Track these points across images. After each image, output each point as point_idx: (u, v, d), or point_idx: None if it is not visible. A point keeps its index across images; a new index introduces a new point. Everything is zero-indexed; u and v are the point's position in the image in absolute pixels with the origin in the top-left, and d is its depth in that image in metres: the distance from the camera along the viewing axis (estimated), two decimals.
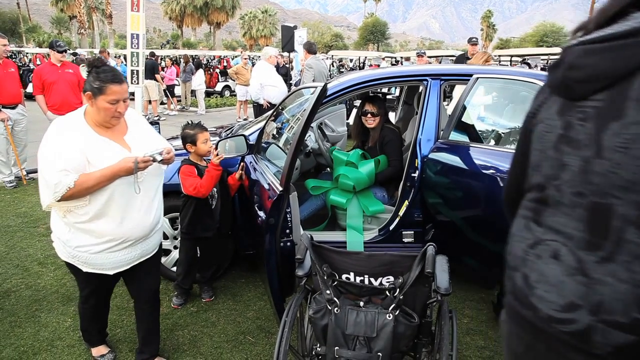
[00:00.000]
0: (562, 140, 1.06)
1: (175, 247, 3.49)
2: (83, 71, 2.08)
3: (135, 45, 6.17)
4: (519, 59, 15.79)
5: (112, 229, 2.14)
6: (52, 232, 2.25)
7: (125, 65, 13.30)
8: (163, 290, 3.39)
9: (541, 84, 2.77)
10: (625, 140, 0.91)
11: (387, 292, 1.93)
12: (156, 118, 10.70)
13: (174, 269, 3.50)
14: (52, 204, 2.03)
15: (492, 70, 3.82)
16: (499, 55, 17.95)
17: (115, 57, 14.95)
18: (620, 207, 0.92)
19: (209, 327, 2.99)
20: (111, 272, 2.26)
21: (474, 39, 8.32)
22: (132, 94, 7.93)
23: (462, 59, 7.93)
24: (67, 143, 1.98)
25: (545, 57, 16.20)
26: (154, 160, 2.13)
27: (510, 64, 14.99)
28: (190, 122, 3.17)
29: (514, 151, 1.32)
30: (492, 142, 3.26)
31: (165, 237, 3.45)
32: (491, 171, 2.82)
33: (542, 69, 14.14)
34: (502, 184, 2.72)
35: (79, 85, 5.88)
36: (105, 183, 2.03)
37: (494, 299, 3.21)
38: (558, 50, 13.95)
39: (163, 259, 3.48)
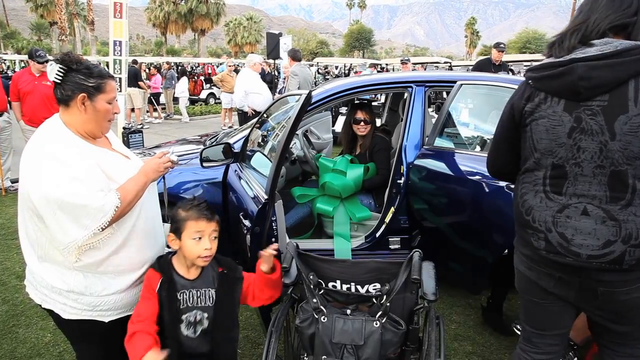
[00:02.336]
0: (575, 130, 1.49)
1: None
2: (51, 72, 1.58)
3: (117, 53, 6.13)
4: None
5: (143, 253, 1.83)
6: (47, 293, 1.75)
7: None
8: None
9: None
10: (632, 127, 1.39)
11: (374, 300, 1.92)
12: (139, 126, 10.59)
13: None
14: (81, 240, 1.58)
15: (475, 77, 3.86)
16: None
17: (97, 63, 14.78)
18: (632, 170, 1.43)
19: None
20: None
21: (502, 45, 7.73)
22: None
23: (487, 65, 7.42)
24: (79, 163, 1.59)
25: (528, 63, 16.44)
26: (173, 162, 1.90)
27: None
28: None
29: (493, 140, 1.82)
30: (477, 147, 3.28)
31: None
32: (476, 177, 2.84)
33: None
34: (487, 190, 2.74)
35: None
36: (141, 193, 1.73)
37: (484, 302, 3.21)
38: (540, 57, 14.17)
39: None
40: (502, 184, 2.65)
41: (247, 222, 2.45)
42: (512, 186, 2.59)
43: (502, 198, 2.66)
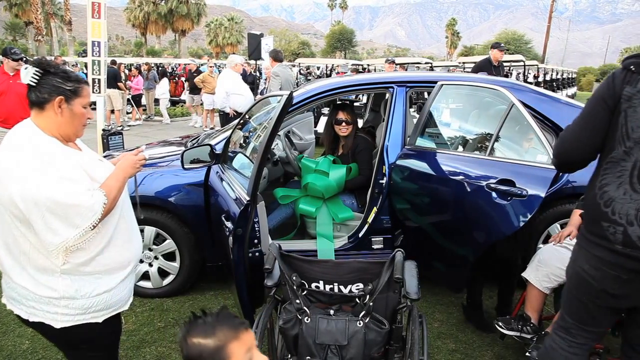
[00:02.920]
0: None
1: (140, 261, 3.39)
2: (26, 75, 1.58)
3: (96, 53, 6.02)
4: None
5: (128, 251, 1.82)
6: (34, 306, 1.67)
7: (85, 73, 12.96)
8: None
9: (504, 90, 2.85)
10: None
11: (357, 300, 1.93)
12: (119, 128, 10.45)
13: (140, 283, 3.41)
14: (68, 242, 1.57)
15: (456, 78, 3.91)
16: (464, 62, 18.35)
17: (73, 65, 14.45)
18: None
19: (178, 342, 2.91)
20: (126, 307, 1.89)
21: (503, 45, 7.61)
22: (94, 103, 7.73)
23: (487, 65, 7.28)
24: (64, 162, 1.60)
25: (508, 64, 16.66)
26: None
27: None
28: None
29: (579, 125, 1.71)
30: (459, 147, 3.32)
31: None
32: (458, 177, 2.87)
33: (504, 76, 14.50)
34: (468, 189, 2.77)
35: None
36: (122, 189, 1.75)
37: (464, 301, 3.25)
38: (520, 57, 14.40)
39: None
40: (483, 183, 2.69)
41: (229, 224, 2.44)
42: (492, 185, 2.64)
43: (482, 197, 2.69)
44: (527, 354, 2.43)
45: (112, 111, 11.98)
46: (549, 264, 2.57)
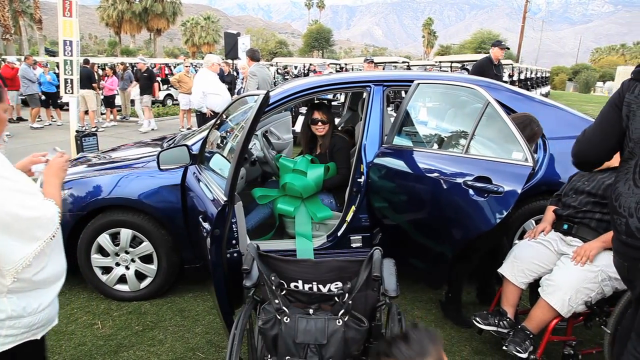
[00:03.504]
0: None
1: (117, 264, 3.34)
2: None
3: (68, 53, 5.90)
4: (459, 65, 16.38)
5: (62, 260, 1.76)
6: None
7: (56, 74, 12.64)
8: (105, 311, 3.25)
9: (480, 89, 2.88)
10: None
11: (336, 298, 1.92)
12: (94, 129, 10.25)
13: (117, 286, 3.36)
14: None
15: (433, 76, 3.95)
16: (440, 62, 18.57)
17: (44, 65, 14.05)
18: None
19: (156, 345, 2.88)
20: (56, 320, 1.80)
21: (504, 43, 7.38)
22: (67, 104, 7.57)
23: (487, 64, 7.13)
24: (12, 172, 1.52)
25: None
26: None
27: (451, 70, 15.54)
28: None
29: (593, 127, 1.88)
30: (435, 145, 3.35)
31: (107, 254, 3.30)
32: (435, 174, 2.90)
33: (501, 75, 14.68)
34: (445, 187, 2.80)
35: None
36: (61, 196, 1.69)
37: (442, 298, 3.28)
38: None
39: (105, 277, 3.33)
40: (460, 180, 2.72)
41: (206, 225, 2.42)
42: (469, 182, 2.68)
43: (459, 194, 2.73)
44: (504, 347, 2.48)
45: (86, 112, 11.75)
46: (525, 260, 2.62)
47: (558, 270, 2.44)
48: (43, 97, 12.65)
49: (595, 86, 47.89)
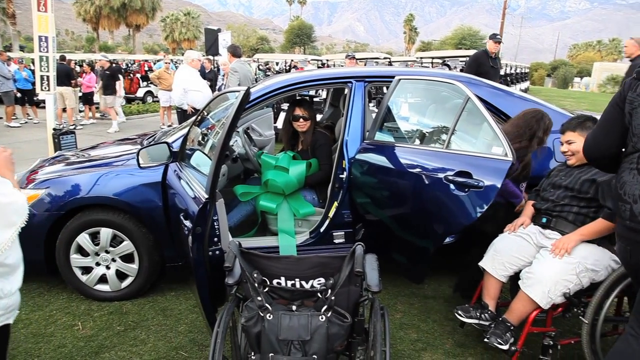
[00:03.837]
0: None
1: (97, 264, 3.29)
2: None
3: (44, 49, 5.77)
4: (440, 61, 16.50)
5: (20, 250, 1.77)
6: None
7: (31, 71, 12.36)
8: (85, 311, 3.20)
9: (460, 85, 2.91)
10: None
11: (318, 294, 1.93)
12: (72, 127, 10.05)
13: (98, 286, 3.31)
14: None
15: (414, 72, 3.97)
16: (421, 57, 18.68)
17: (19, 61, 13.71)
18: None
19: (138, 345, 2.84)
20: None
21: (499, 36, 7.26)
22: (43, 101, 7.40)
23: (484, 57, 7.07)
24: None
25: (464, 59, 17.06)
26: None
27: (432, 66, 15.64)
28: None
29: (601, 125, 2.01)
30: (417, 141, 3.37)
31: (87, 254, 3.24)
32: (416, 169, 2.92)
33: (460, 70, 14.87)
34: (427, 182, 2.82)
35: None
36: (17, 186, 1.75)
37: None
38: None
39: (84, 277, 3.28)
40: (441, 175, 2.75)
41: (188, 223, 2.39)
42: (450, 177, 2.70)
43: (440, 189, 2.75)
44: (485, 339, 2.51)
45: (64, 109, 11.53)
46: (505, 253, 2.65)
47: (537, 263, 2.48)
48: (19, 95, 12.36)
49: (573, 82, 48.81)
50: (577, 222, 2.55)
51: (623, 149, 1.94)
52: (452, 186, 2.71)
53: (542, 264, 2.44)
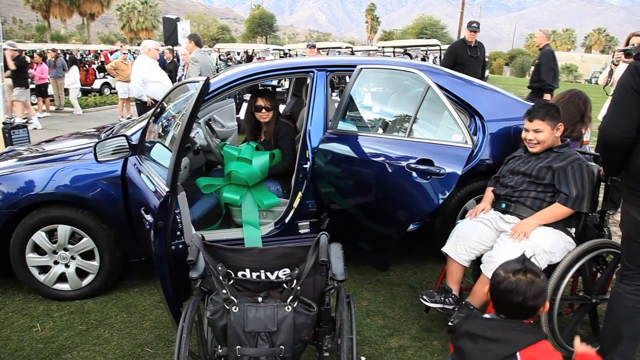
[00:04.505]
0: None
1: (55, 262, 3.17)
2: None
3: None
4: (402, 50, 16.64)
5: None
6: None
7: None
8: (44, 312, 3.09)
9: (421, 73, 2.94)
10: None
11: (284, 285, 1.93)
12: (24, 121, 9.61)
13: (57, 286, 3.20)
14: None
15: (375, 61, 3.98)
16: (383, 47, 18.79)
17: None
18: None
19: (102, 344, 2.77)
20: None
21: (475, 25, 7.00)
22: None
23: (462, 46, 6.99)
24: None
25: (425, 48, 17.27)
26: None
27: (394, 55, 15.77)
28: None
29: (620, 110, 2.09)
30: (379, 130, 3.40)
31: (44, 252, 3.13)
32: (379, 158, 2.94)
33: (422, 59, 15.05)
34: (390, 170, 2.85)
35: None
36: None
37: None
38: (436, 42, 15.00)
39: (42, 277, 3.16)
40: (403, 163, 2.78)
41: (149, 217, 2.34)
42: (412, 165, 2.74)
43: (403, 177, 2.79)
44: (449, 323, 2.57)
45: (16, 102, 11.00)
46: (467, 238, 2.72)
47: (498, 247, 2.55)
48: None
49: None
50: (534, 207, 2.63)
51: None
52: (414, 174, 2.75)
53: (502, 247, 2.51)
